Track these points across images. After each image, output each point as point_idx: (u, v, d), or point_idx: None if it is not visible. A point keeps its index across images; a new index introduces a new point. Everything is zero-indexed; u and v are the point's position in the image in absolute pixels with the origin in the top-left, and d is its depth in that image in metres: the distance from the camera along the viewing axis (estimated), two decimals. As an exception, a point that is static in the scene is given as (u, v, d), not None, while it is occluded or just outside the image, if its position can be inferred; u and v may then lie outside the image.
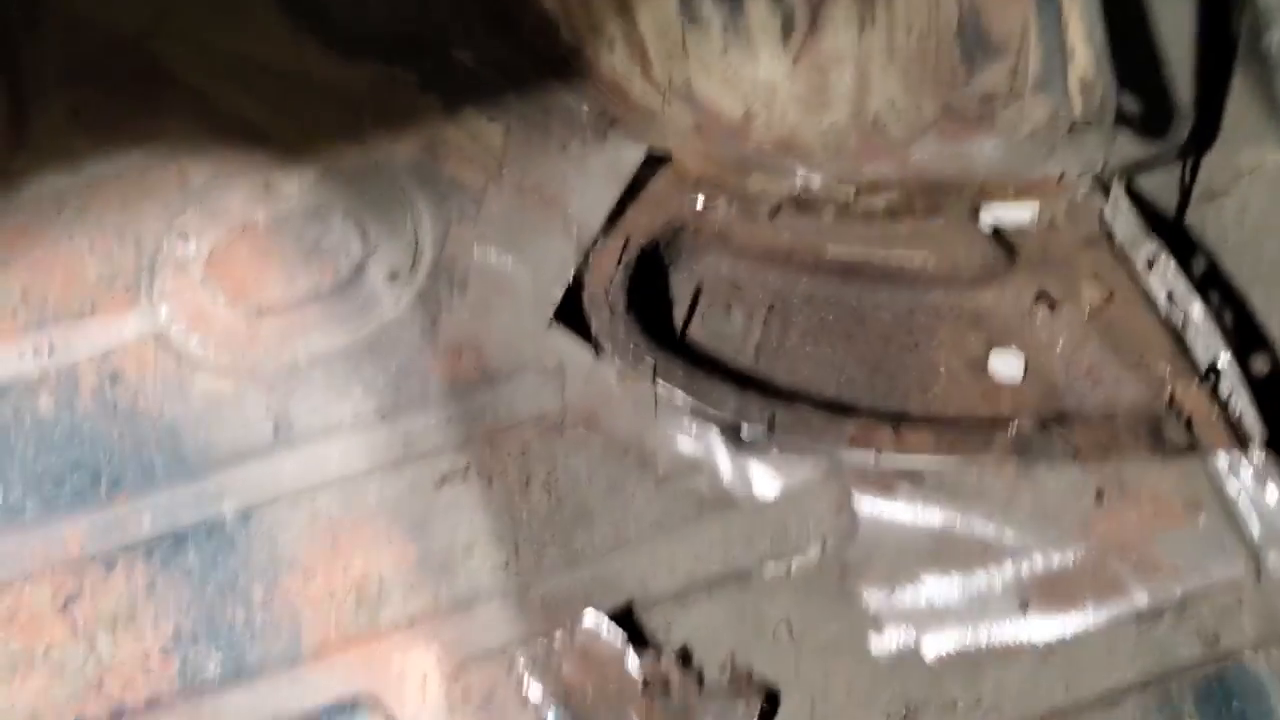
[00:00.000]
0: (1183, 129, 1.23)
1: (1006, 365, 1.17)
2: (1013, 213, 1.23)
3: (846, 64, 1.10)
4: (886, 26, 1.08)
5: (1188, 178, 1.31)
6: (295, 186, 1.20)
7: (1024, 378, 1.16)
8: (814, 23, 1.08)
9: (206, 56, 1.26)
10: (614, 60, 1.16)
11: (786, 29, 1.09)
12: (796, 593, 1.03)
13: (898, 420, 1.09)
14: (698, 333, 1.19)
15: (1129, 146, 1.21)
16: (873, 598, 1.02)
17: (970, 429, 1.08)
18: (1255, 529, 1.04)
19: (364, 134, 1.22)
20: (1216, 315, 1.17)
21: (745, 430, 1.07)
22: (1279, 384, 1.26)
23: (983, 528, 1.04)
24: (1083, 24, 1.03)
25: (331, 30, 1.26)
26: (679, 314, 1.19)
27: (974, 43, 1.09)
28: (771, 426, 1.07)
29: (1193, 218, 1.36)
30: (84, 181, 1.21)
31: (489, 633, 1.00)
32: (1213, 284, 1.33)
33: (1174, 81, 1.19)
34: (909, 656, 0.99)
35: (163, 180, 1.21)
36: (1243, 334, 1.30)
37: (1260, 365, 1.27)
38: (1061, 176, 1.20)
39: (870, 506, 1.05)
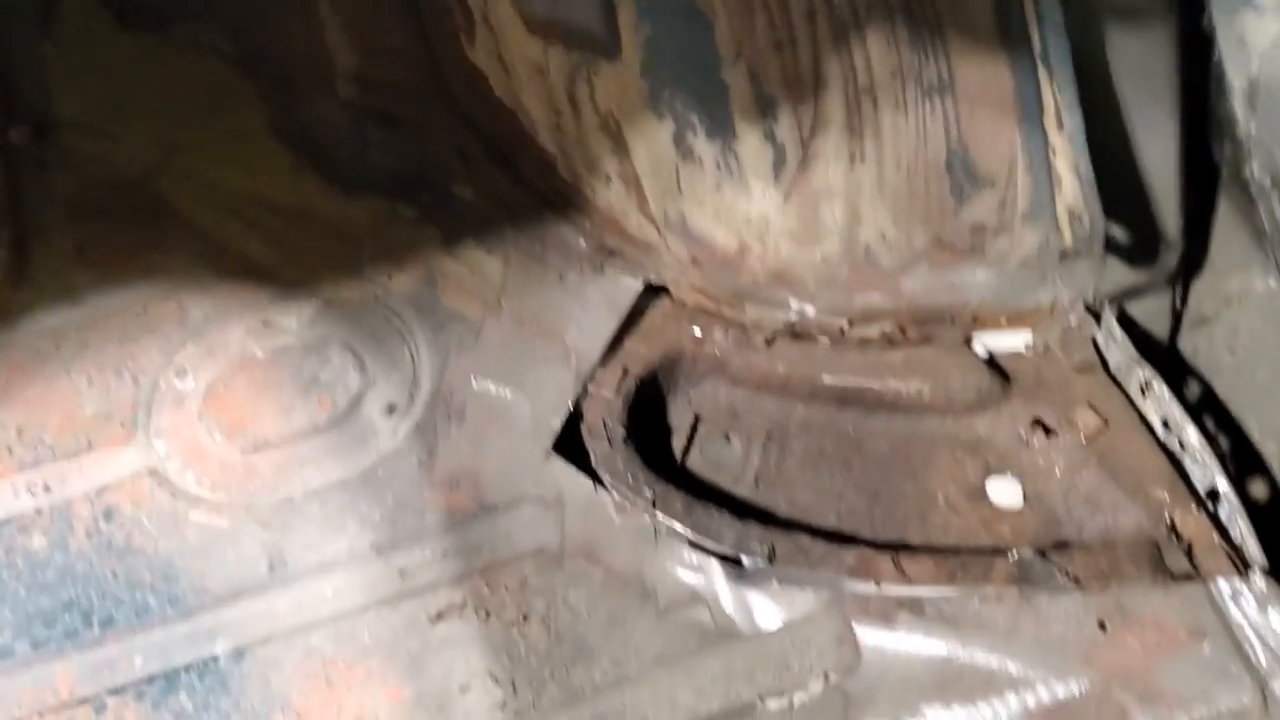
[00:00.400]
0: (1171, 257, 1.25)
1: (1005, 493, 1.17)
2: (1006, 341, 1.24)
3: (837, 198, 1.12)
4: (875, 161, 1.10)
5: (1178, 304, 1.33)
6: (294, 321, 1.21)
7: (1023, 505, 1.16)
8: (804, 158, 1.10)
9: (210, 194, 1.28)
10: (610, 195, 1.19)
11: (778, 165, 1.11)
12: (802, 727, 1.01)
13: (898, 550, 1.08)
14: (696, 461, 1.19)
15: (1119, 274, 1.23)
16: (876, 733, 1.00)
17: (970, 558, 1.08)
18: (1261, 656, 1.03)
19: (363, 268, 1.23)
20: (1212, 441, 1.18)
21: (746, 561, 1.07)
22: (1278, 508, 1.26)
23: (985, 658, 1.03)
24: (1069, 155, 1.06)
25: (334, 168, 1.28)
26: (678, 443, 1.19)
27: (962, 175, 1.11)
28: (772, 557, 1.06)
29: (1185, 344, 1.38)
30: (84, 317, 1.21)
31: (486, 775, 0.98)
32: (1208, 409, 1.34)
33: (1161, 211, 1.22)
34: (916, 795, 0.97)
35: (162, 316, 1.22)
36: (1239, 459, 1.30)
37: (1259, 490, 1.28)
38: (1053, 304, 1.22)
39: (872, 637, 1.04)
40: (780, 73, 1.07)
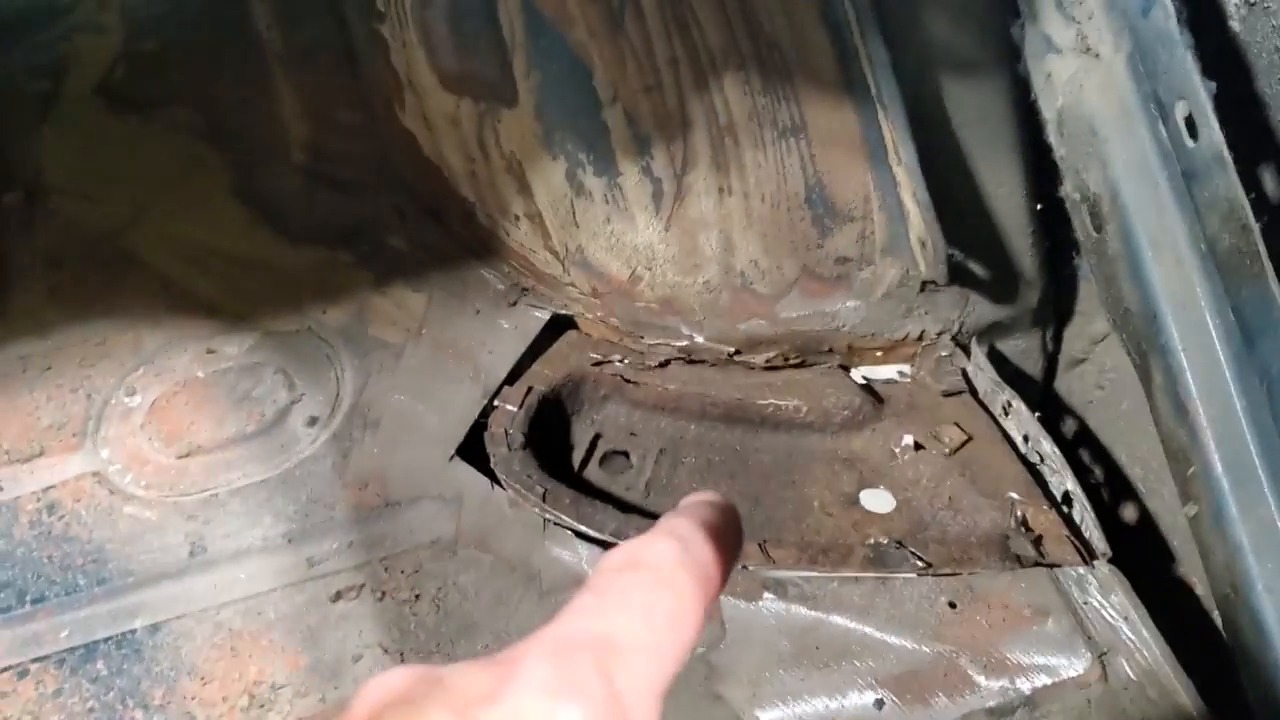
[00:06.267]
0: (1030, 294, 1.37)
1: (876, 501, 1.26)
2: (880, 372, 1.36)
3: (712, 228, 1.25)
4: (742, 194, 1.24)
5: (1049, 345, 1.45)
6: (235, 349, 1.34)
7: (892, 510, 1.25)
8: (679, 191, 1.24)
9: (172, 245, 1.44)
10: (520, 235, 1.33)
11: (657, 197, 1.25)
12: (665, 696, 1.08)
13: (766, 541, 1.17)
14: (595, 474, 1.29)
15: (982, 309, 1.35)
16: (736, 697, 1.07)
17: (831, 545, 1.16)
18: (1101, 633, 1.10)
19: (302, 305, 1.38)
20: (1086, 469, 1.27)
21: (623, 547, 1.15)
22: (1146, 528, 1.35)
23: (842, 631, 1.10)
24: (910, 185, 1.19)
25: (283, 221, 1.44)
26: (577, 457, 1.30)
27: (822, 209, 1.24)
28: (647, 544, 1.15)
29: (1061, 385, 1.48)
30: (50, 346, 1.36)
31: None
32: (1083, 443, 1.44)
33: (1015, 249, 1.34)
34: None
35: (120, 345, 1.36)
36: (1112, 485, 1.39)
37: (1130, 513, 1.36)
38: (921, 335, 1.33)
39: (737, 613, 1.12)
40: (652, 114, 1.22)
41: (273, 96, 1.50)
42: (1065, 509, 1.21)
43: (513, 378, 1.31)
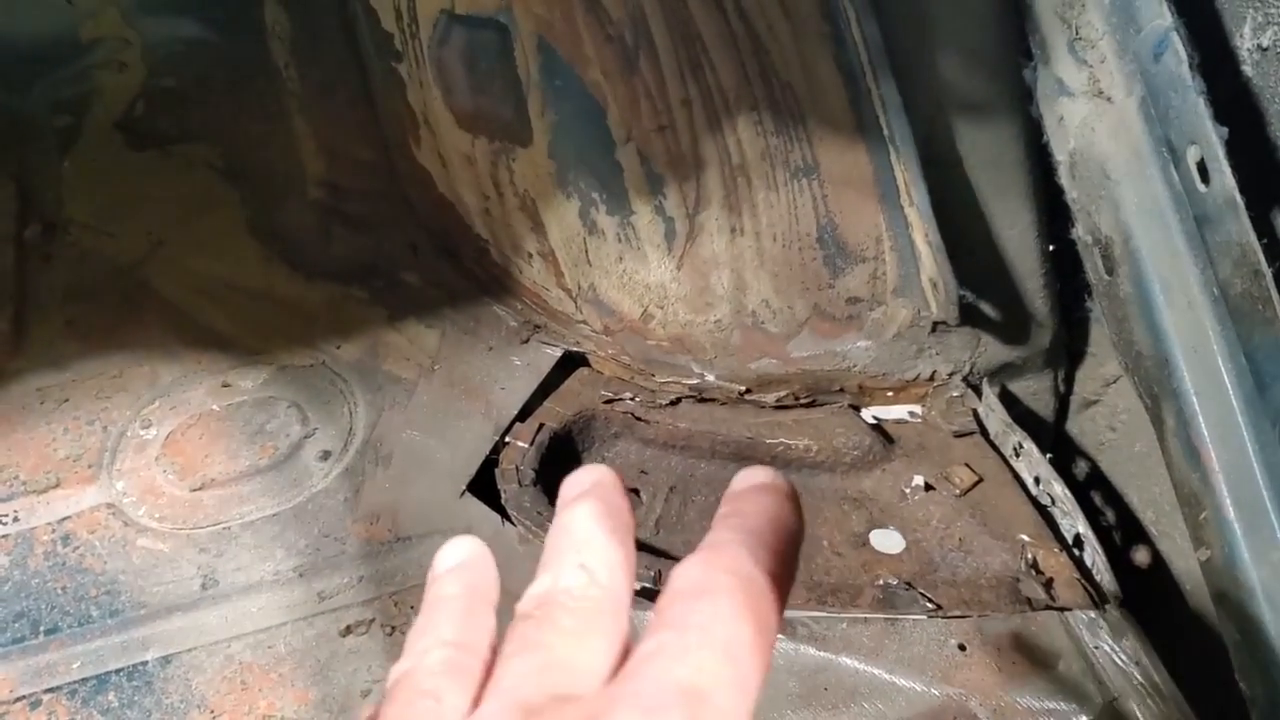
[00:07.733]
0: (1042, 336, 1.37)
1: (886, 541, 1.25)
2: (891, 412, 1.36)
3: (724, 267, 1.26)
4: (754, 234, 1.25)
5: (1061, 388, 1.45)
6: (250, 383, 1.36)
7: (902, 551, 1.24)
8: (692, 231, 1.25)
9: (189, 279, 1.46)
10: (533, 273, 1.34)
11: (669, 236, 1.26)
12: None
13: (776, 580, 1.17)
14: (604, 512, 1.29)
15: (994, 350, 1.35)
16: (744, 738, 1.07)
17: (840, 585, 1.16)
18: (1112, 678, 1.09)
19: (316, 340, 1.39)
20: (1084, 499, 1.27)
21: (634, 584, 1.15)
22: (1158, 572, 1.34)
23: (850, 673, 1.10)
24: (921, 227, 1.19)
25: (297, 257, 1.46)
26: (587, 495, 1.30)
27: (833, 250, 1.25)
28: (657, 581, 1.15)
29: (1073, 426, 1.48)
30: (67, 379, 1.37)
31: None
32: (1095, 485, 1.43)
33: (1027, 290, 1.34)
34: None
35: (136, 378, 1.37)
36: (1124, 528, 1.39)
37: (1141, 556, 1.36)
38: (933, 376, 1.33)
39: (745, 654, 1.12)
40: (665, 154, 1.23)
41: (290, 133, 1.53)
42: (1076, 552, 1.20)
43: (524, 414, 1.31)
